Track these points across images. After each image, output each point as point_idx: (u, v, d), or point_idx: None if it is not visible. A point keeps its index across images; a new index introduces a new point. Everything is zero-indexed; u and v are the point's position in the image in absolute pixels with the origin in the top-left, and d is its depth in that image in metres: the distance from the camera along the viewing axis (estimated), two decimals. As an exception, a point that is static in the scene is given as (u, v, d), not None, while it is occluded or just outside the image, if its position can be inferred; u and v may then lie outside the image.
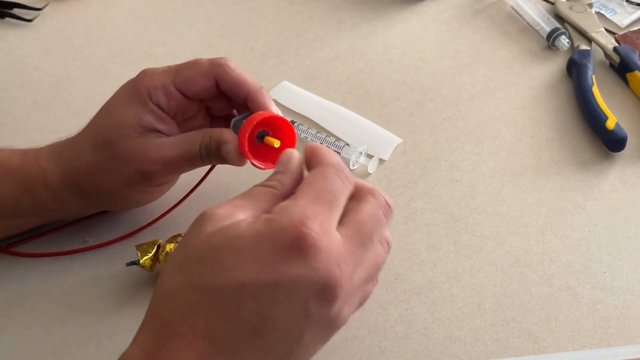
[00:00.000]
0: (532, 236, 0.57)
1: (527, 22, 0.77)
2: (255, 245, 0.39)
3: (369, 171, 0.62)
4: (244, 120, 0.50)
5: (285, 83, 0.71)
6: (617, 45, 0.71)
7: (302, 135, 0.64)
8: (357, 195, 0.43)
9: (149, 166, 0.51)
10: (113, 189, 0.53)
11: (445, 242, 0.56)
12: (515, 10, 0.78)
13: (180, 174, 0.57)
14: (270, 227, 0.39)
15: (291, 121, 0.65)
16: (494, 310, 0.52)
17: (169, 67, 0.53)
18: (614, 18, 0.77)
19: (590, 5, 0.76)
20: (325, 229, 0.40)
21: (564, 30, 0.73)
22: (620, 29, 0.76)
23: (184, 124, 0.55)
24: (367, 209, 0.43)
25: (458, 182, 0.61)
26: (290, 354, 0.40)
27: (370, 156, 0.62)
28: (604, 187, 0.60)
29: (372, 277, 0.44)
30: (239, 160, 0.51)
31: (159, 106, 0.52)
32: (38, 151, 0.54)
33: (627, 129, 0.63)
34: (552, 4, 0.79)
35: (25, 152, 0.54)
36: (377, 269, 0.45)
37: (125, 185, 0.53)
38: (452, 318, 0.51)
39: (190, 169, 0.55)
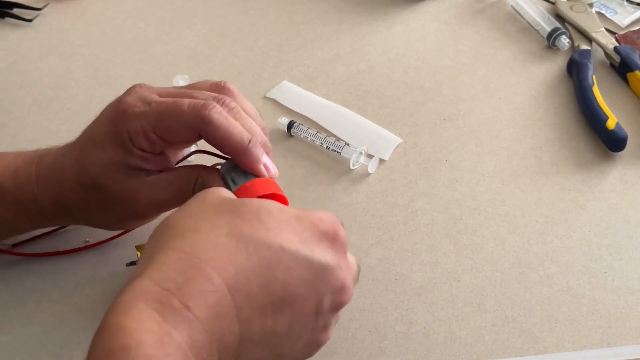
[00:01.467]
0: (532, 236, 0.57)
1: (528, 22, 0.77)
2: (296, 221, 0.40)
3: (369, 171, 0.62)
4: (232, 173, 0.48)
5: (285, 83, 0.71)
6: (617, 45, 0.71)
7: (302, 136, 0.64)
8: None
9: (143, 208, 0.50)
10: (106, 222, 0.52)
11: (446, 242, 0.56)
12: (516, 10, 0.78)
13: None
14: (310, 213, 0.42)
15: (291, 122, 0.65)
16: (494, 310, 0.52)
17: (150, 107, 0.48)
18: (614, 18, 0.77)
19: (591, 5, 0.76)
20: (344, 264, 0.43)
21: (564, 30, 0.73)
22: (621, 28, 0.76)
23: (177, 150, 0.53)
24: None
25: (458, 182, 0.61)
26: (284, 348, 0.41)
27: (370, 156, 0.62)
28: (604, 187, 0.60)
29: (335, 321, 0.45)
30: None
31: (142, 150, 0.48)
32: (28, 172, 0.51)
33: (628, 129, 0.63)
34: (553, 3, 0.79)
35: (15, 171, 0.51)
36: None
37: (119, 221, 0.52)
38: (452, 318, 0.51)
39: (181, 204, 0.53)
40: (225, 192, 0.43)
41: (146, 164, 0.49)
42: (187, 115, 0.47)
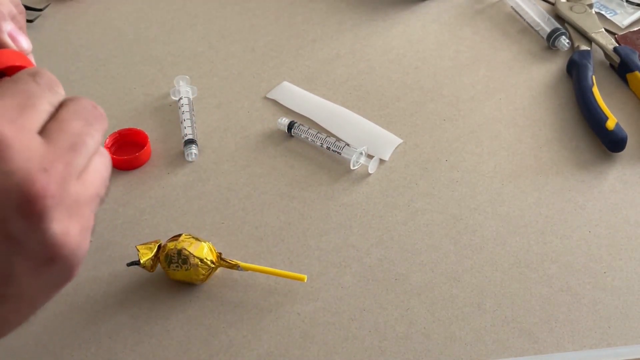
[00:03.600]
0: (532, 236, 0.57)
1: (527, 23, 0.77)
2: None
3: (369, 171, 0.62)
4: None
5: (286, 83, 0.71)
6: (617, 45, 0.71)
7: (302, 136, 0.64)
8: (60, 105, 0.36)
9: None
10: None
11: (445, 242, 0.56)
12: (516, 11, 0.78)
13: None
14: None
15: (291, 122, 0.65)
16: (494, 311, 0.52)
17: None
18: (614, 18, 0.77)
19: (591, 6, 0.76)
20: (18, 126, 0.31)
21: (564, 30, 0.73)
22: (620, 29, 0.76)
23: None
24: (70, 108, 0.35)
25: (458, 182, 0.61)
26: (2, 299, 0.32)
27: (370, 156, 0.62)
28: (604, 187, 0.60)
29: (99, 196, 0.35)
30: None
31: None
32: None
33: (627, 129, 0.63)
34: (553, 4, 0.79)
35: None
36: (104, 185, 0.35)
37: None
38: (452, 318, 0.51)
39: None
40: None
41: None
42: None
